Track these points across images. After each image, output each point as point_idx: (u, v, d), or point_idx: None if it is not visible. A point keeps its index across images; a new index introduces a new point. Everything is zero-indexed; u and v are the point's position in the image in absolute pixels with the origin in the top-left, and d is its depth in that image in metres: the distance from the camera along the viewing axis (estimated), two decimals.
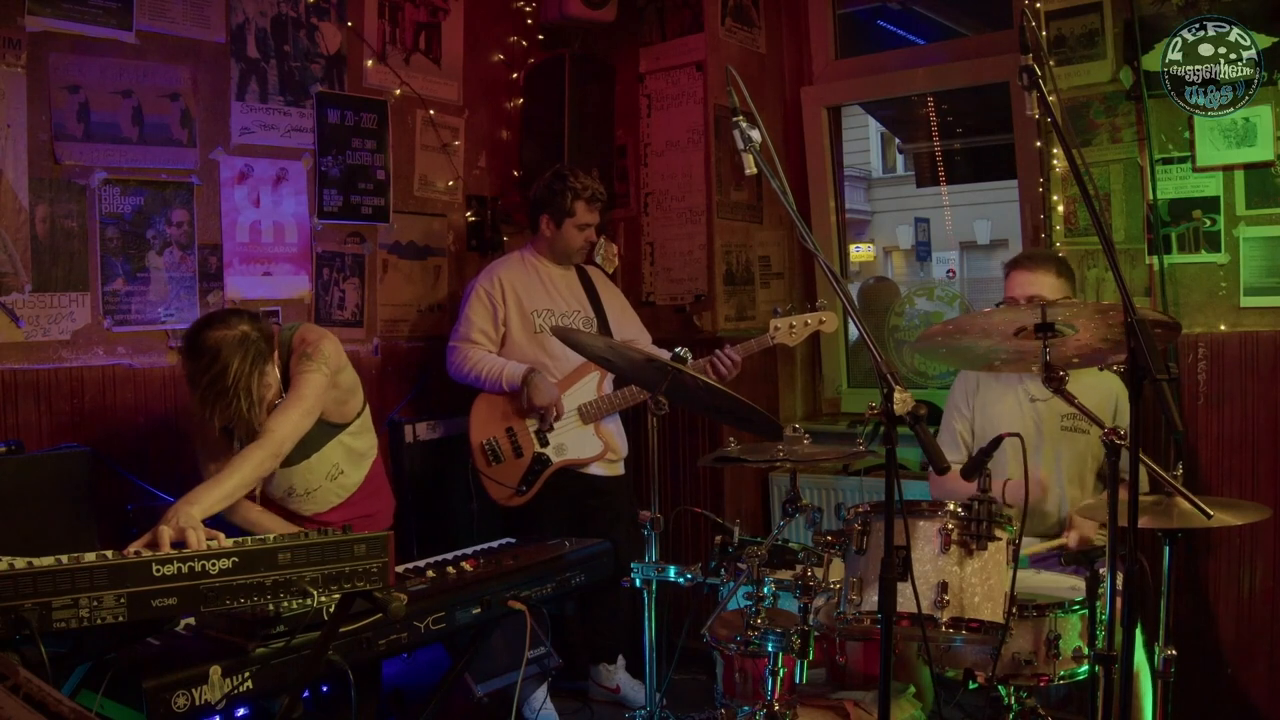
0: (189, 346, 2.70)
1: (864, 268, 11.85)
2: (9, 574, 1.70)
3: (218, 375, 2.62)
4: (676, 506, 4.10)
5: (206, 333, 2.68)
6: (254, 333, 2.71)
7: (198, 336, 2.69)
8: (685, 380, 2.65)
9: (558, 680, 3.62)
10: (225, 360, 2.63)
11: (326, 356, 2.86)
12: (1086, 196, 2.01)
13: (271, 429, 2.69)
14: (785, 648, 2.48)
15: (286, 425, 2.72)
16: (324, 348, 2.87)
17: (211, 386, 2.63)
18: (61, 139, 3.19)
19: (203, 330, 2.70)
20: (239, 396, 2.64)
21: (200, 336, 2.68)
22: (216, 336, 2.66)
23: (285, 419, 2.73)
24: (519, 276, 3.83)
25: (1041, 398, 3.11)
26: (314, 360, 2.83)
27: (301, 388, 2.79)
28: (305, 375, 2.81)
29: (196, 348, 2.67)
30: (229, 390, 2.62)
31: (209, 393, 2.63)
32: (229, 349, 2.64)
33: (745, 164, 2.26)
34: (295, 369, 2.83)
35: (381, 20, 4.05)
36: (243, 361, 2.64)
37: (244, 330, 2.69)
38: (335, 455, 3.00)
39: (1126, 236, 3.63)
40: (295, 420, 2.75)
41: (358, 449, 3.09)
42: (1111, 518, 2.04)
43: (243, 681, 2.01)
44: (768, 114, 4.29)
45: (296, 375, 2.82)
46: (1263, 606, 3.39)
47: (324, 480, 3.00)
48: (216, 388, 2.62)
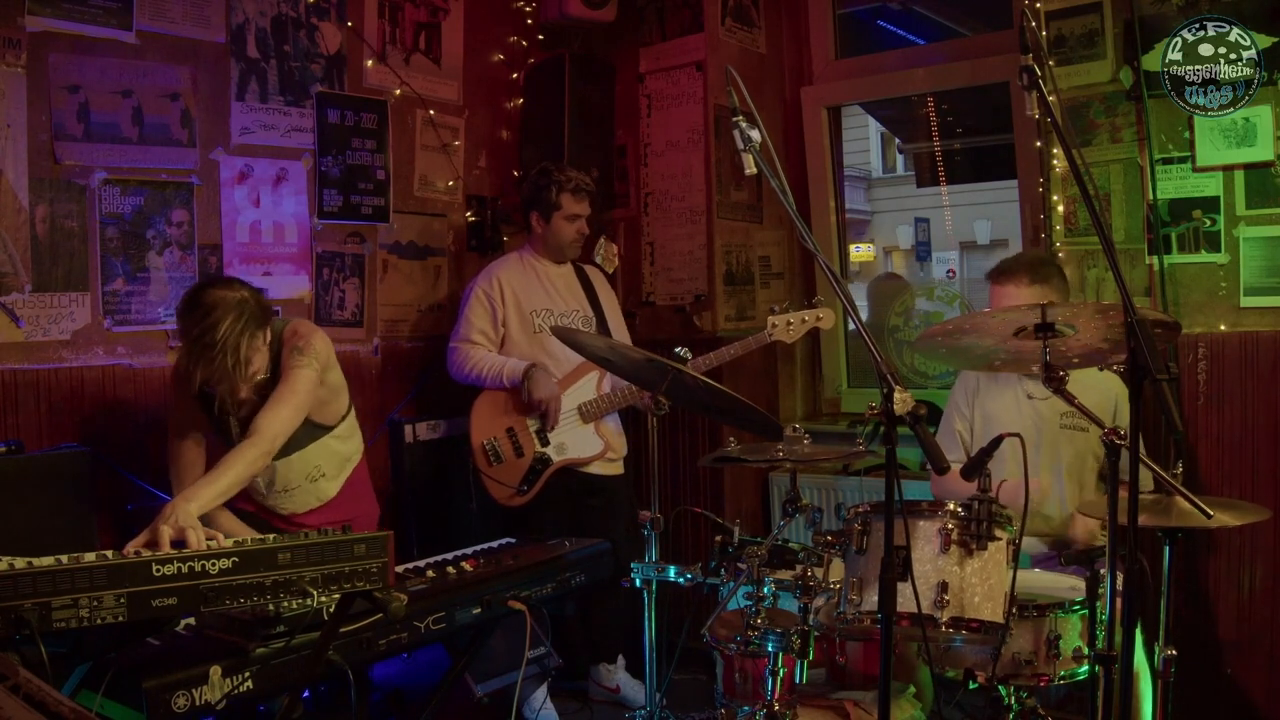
0: (186, 302, 2.71)
1: (864, 268, 11.85)
2: (9, 574, 1.70)
3: (208, 328, 2.62)
4: (676, 506, 4.10)
5: (207, 290, 2.71)
6: (251, 300, 2.72)
7: (197, 293, 2.71)
8: (685, 380, 2.66)
9: (558, 680, 3.62)
10: (219, 316, 2.63)
11: (318, 352, 2.85)
12: (1086, 196, 2.01)
13: (262, 426, 2.67)
14: (785, 648, 2.47)
15: (277, 422, 2.71)
16: (315, 343, 2.85)
17: (200, 339, 2.62)
18: (61, 139, 3.19)
19: (203, 288, 2.73)
20: (224, 353, 2.63)
21: (199, 293, 2.70)
22: (215, 294, 2.68)
23: (276, 415, 2.71)
24: (517, 277, 3.84)
25: (1040, 396, 3.11)
26: (305, 355, 2.81)
27: (293, 382, 2.78)
28: (297, 370, 2.79)
29: (193, 302, 2.68)
30: (216, 344, 2.62)
31: (196, 345, 2.63)
32: (224, 307, 2.65)
33: (745, 164, 2.26)
34: (286, 362, 2.81)
35: (381, 20, 4.05)
36: (235, 320, 2.65)
37: (243, 295, 2.71)
38: (318, 457, 2.98)
39: (1126, 236, 3.63)
40: (286, 416, 2.74)
41: (343, 453, 3.07)
42: (1111, 517, 2.04)
43: (243, 681, 2.00)
44: (768, 114, 4.29)
45: (287, 369, 2.80)
46: (1263, 606, 3.39)
47: (303, 480, 2.98)
48: (205, 340, 2.62)
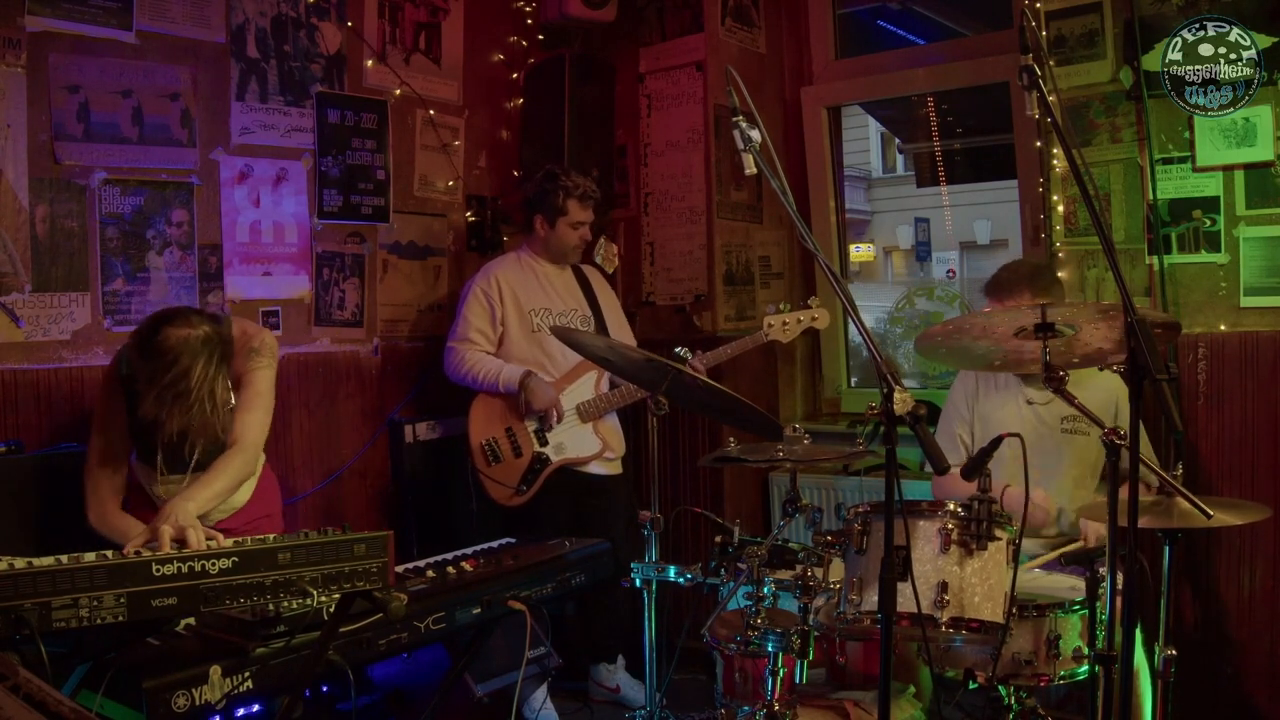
0: (144, 344, 2.51)
1: (864, 268, 11.83)
2: (9, 574, 1.70)
3: (179, 376, 2.47)
4: (676, 506, 4.10)
5: (167, 330, 2.50)
6: (215, 335, 2.56)
7: (155, 334, 2.50)
8: (685, 380, 2.66)
9: (558, 680, 3.62)
10: (189, 363, 2.48)
11: (272, 350, 2.84)
12: (1086, 196, 2.01)
13: (243, 434, 2.67)
14: (785, 648, 2.47)
15: (255, 427, 2.71)
16: (268, 341, 2.83)
17: (172, 387, 2.47)
18: (61, 139, 3.19)
19: (161, 327, 2.51)
20: (201, 401, 2.51)
21: (159, 335, 2.50)
22: (179, 336, 2.49)
23: (254, 421, 2.72)
24: (516, 276, 3.84)
25: (1041, 402, 3.11)
26: (263, 355, 2.80)
27: (258, 384, 2.77)
28: (259, 372, 2.78)
29: (154, 346, 2.49)
30: (190, 393, 2.48)
31: (167, 393, 2.47)
32: (193, 349, 2.49)
33: (745, 164, 2.26)
34: (245, 365, 2.75)
35: (381, 20, 4.05)
36: (207, 364, 2.51)
37: (206, 331, 2.54)
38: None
39: (1126, 236, 3.63)
40: (262, 420, 2.75)
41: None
42: (1111, 517, 2.04)
43: (243, 681, 2.00)
44: (768, 114, 4.28)
45: (248, 372, 2.75)
46: (1263, 606, 3.39)
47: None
48: (177, 389, 2.47)
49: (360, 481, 4.00)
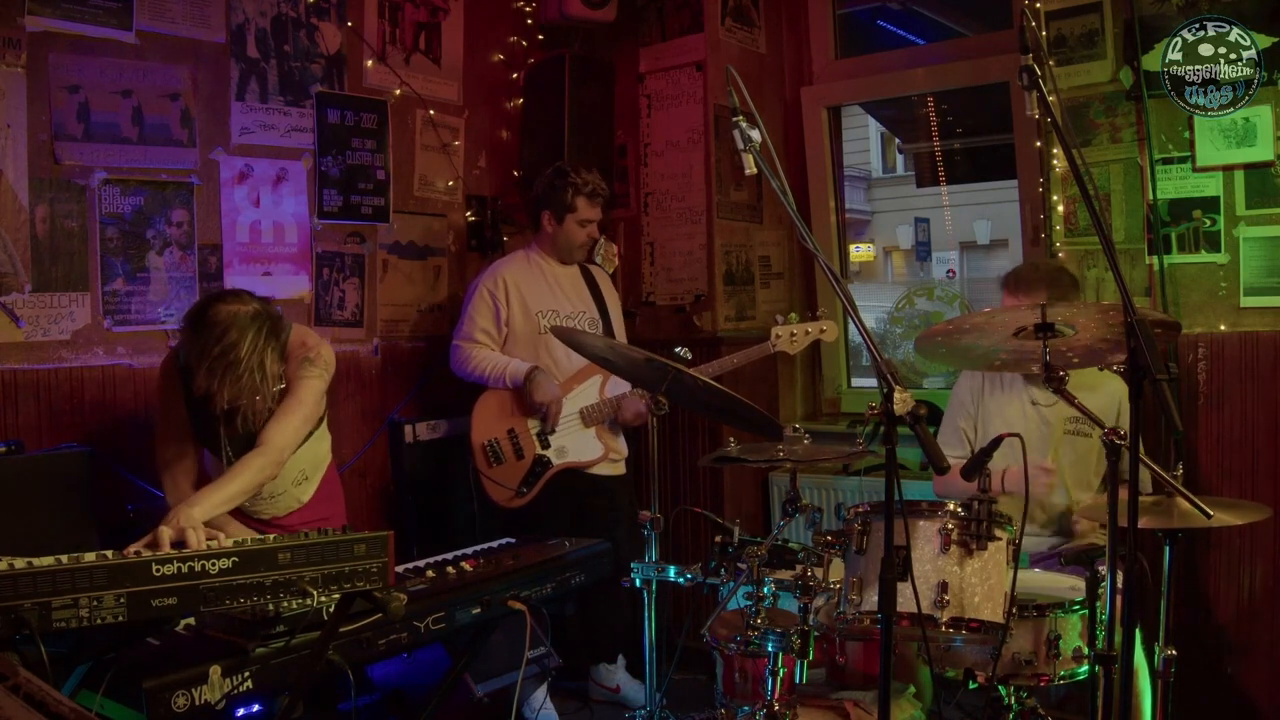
0: (196, 319, 2.61)
1: (864, 268, 11.84)
2: (9, 574, 1.70)
3: (229, 347, 2.55)
4: (676, 506, 4.09)
5: (218, 306, 2.61)
6: (264, 312, 2.67)
7: (207, 310, 2.61)
8: (685, 380, 2.66)
9: (558, 680, 3.63)
10: (239, 334, 2.57)
11: (327, 363, 2.83)
12: (1086, 196, 2.01)
13: (273, 437, 2.65)
14: (785, 648, 2.47)
15: (288, 433, 2.69)
16: (325, 354, 2.84)
17: (222, 358, 2.55)
18: (61, 139, 3.19)
19: (214, 303, 2.63)
20: (250, 371, 2.58)
21: (211, 309, 2.61)
22: (229, 310, 2.60)
23: (286, 426, 2.70)
24: (523, 276, 3.83)
25: (1045, 403, 3.11)
26: (316, 366, 2.80)
27: (302, 393, 2.76)
28: (308, 381, 2.77)
29: (204, 320, 2.59)
30: (240, 363, 2.56)
31: (218, 364, 2.55)
32: (242, 323, 2.59)
33: (745, 164, 2.26)
34: (296, 372, 2.78)
35: (381, 20, 4.05)
36: (256, 336, 2.60)
37: (255, 307, 2.65)
38: (304, 461, 2.95)
39: (1126, 236, 3.63)
40: (296, 427, 2.72)
41: (320, 453, 3.06)
42: (1111, 517, 2.04)
43: (243, 681, 2.00)
44: (768, 114, 4.29)
45: (298, 379, 2.77)
46: (1263, 606, 3.39)
47: (289, 485, 2.95)
48: (228, 359, 2.55)
49: (360, 481, 4.00)
